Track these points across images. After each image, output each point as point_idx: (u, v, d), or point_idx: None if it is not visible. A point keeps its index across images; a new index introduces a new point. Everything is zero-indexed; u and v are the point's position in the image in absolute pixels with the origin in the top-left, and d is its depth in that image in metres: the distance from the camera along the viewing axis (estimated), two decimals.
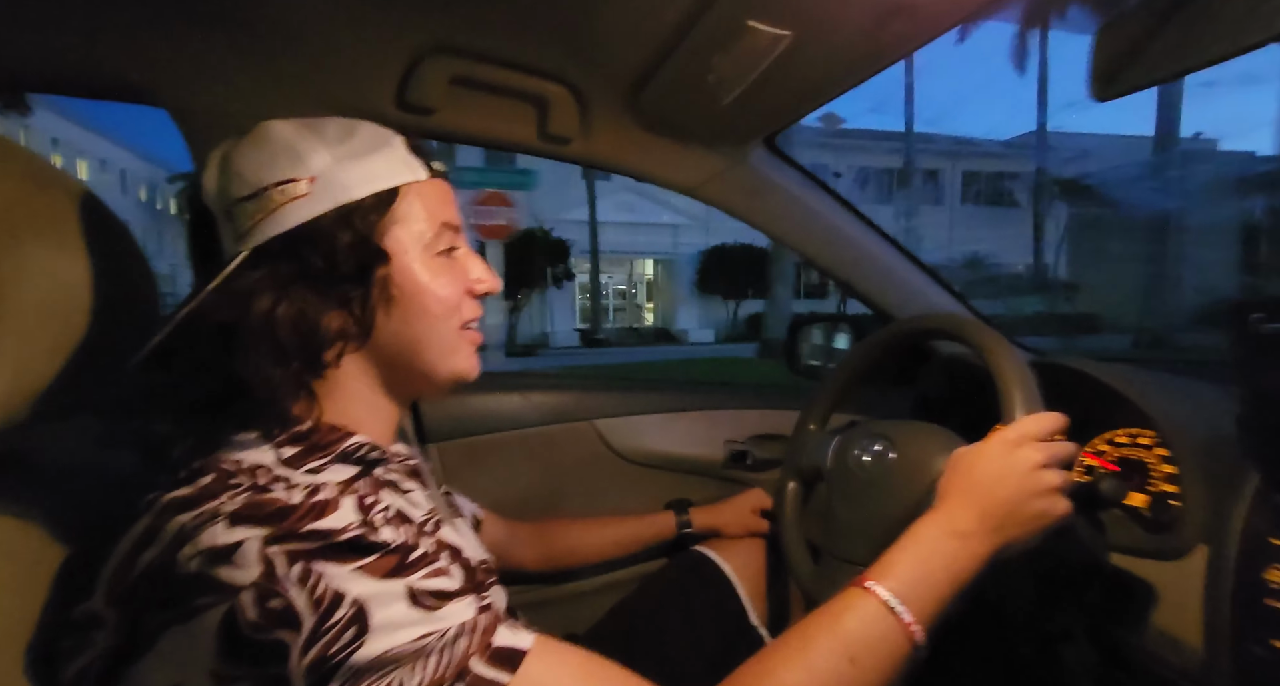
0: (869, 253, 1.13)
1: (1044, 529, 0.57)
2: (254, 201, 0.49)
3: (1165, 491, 0.72)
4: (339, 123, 0.53)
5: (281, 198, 0.48)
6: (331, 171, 0.50)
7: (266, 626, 0.38)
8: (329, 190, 0.49)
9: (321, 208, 0.49)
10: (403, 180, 0.52)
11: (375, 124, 0.55)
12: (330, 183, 0.49)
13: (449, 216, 0.56)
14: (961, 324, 0.72)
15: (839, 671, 0.48)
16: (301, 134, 0.51)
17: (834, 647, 0.49)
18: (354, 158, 0.51)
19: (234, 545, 0.39)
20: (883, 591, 0.51)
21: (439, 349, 0.55)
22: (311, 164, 0.49)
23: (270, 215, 0.48)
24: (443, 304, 0.54)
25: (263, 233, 0.48)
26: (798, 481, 0.88)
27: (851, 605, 0.51)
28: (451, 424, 1.07)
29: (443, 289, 0.54)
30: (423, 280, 0.53)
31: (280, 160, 0.49)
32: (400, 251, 0.52)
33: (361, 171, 0.51)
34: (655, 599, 0.92)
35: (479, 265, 0.58)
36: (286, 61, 0.79)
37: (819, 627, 0.50)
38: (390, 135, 0.54)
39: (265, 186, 0.48)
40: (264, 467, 0.46)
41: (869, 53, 0.75)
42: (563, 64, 0.84)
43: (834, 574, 0.73)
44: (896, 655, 0.50)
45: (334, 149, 0.50)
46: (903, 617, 0.50)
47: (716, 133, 0.96)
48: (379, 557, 0.42)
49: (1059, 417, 0.60)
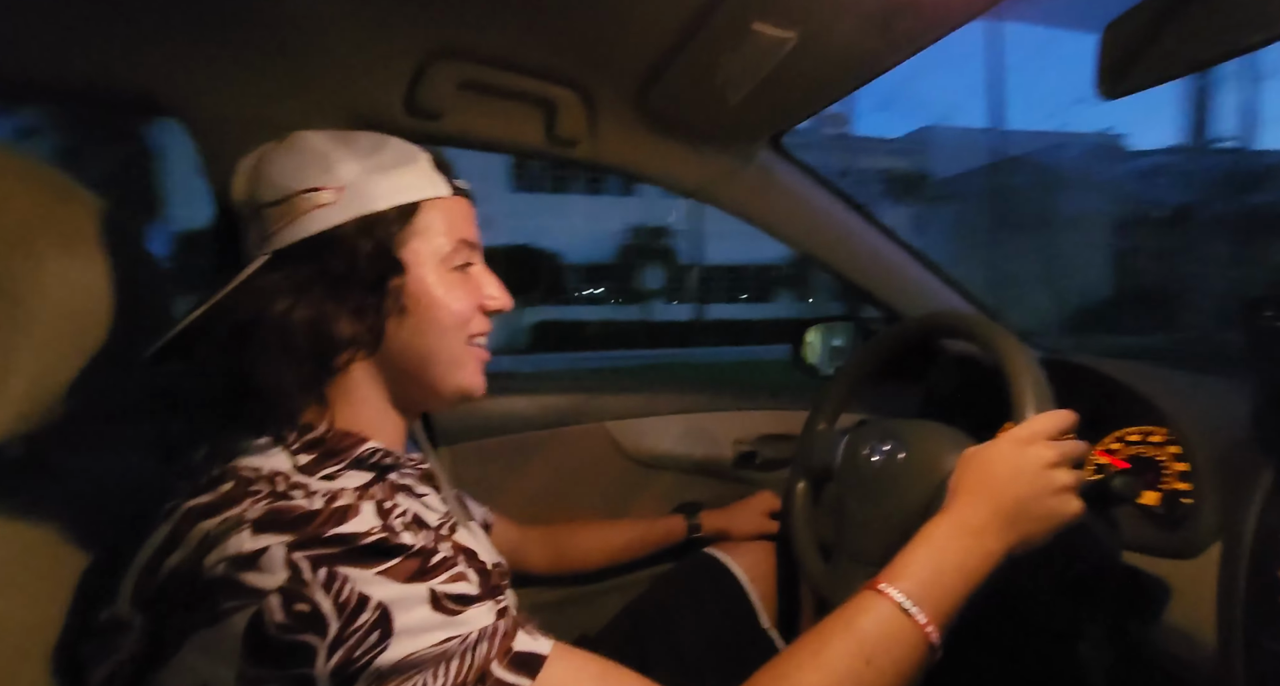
0: (878, 252, 1.13)
1: (1055, 527, 0.57)
2: (280, 206, 0.50)
3: (1178, 489, 0.72)
4: (370, 137, 0.55)
5: (307, 204, 0.50)
6: (359, 182, 0.51)
7: (293, 628, 0.39)
8: (354, 200, 0.51)
9: (345, 216, 0.50)
10: (425, 195, 0.54)
11: (403, 140, 0.56)
12: (357, 193, 0.51)
13: (467, 233, 0.57)
14: (972, 322, 0.72)
15: (856, 673, 0.48)
16: (333, 144, 0.52)
17: (850, 650, 0.49)
18: (381, 171, 0.52)
19: (259, 551, 0.40)
20: (896, 593, 0.51)
21: (446, 362, 0.56)
22: (340, 174, 0.51)
23: (295, 220, 0.50)
24: (454, 317, 0.55)
25: (286, 237, 0.50)
26: (807, 481, 0.88)
27: (865, 607, 0.51)
28: (463, 427, 1.08)
29: (455, 302, 0.55)
30: (436, 293, 0.54)
31: (310, 169, 0.51)
32: (417, 263, 0.54)
33: (387, 184, 0.52)
34: (667, 601, 0.93)
35: (493, 282, 0.60)
36: (295, 69, 0.80)
37: (833, 631, 0.50)
38: (417, 152, 0.56)
39: (292, 193, 0.50)
40: (282, 475, 0.46)
41: (875, 52, 0.75)
42: (570, 67, 0.85)
43: (845, 573, 0.73)
44: (912, 656, 0.50)
45: (363, 161, 0.52)
46: (917, 618, 0.50)
47: (723, 134, 0.97)
48: (401, 561, 0.43)
49: (1070, 415, 0.60)
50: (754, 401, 1.25)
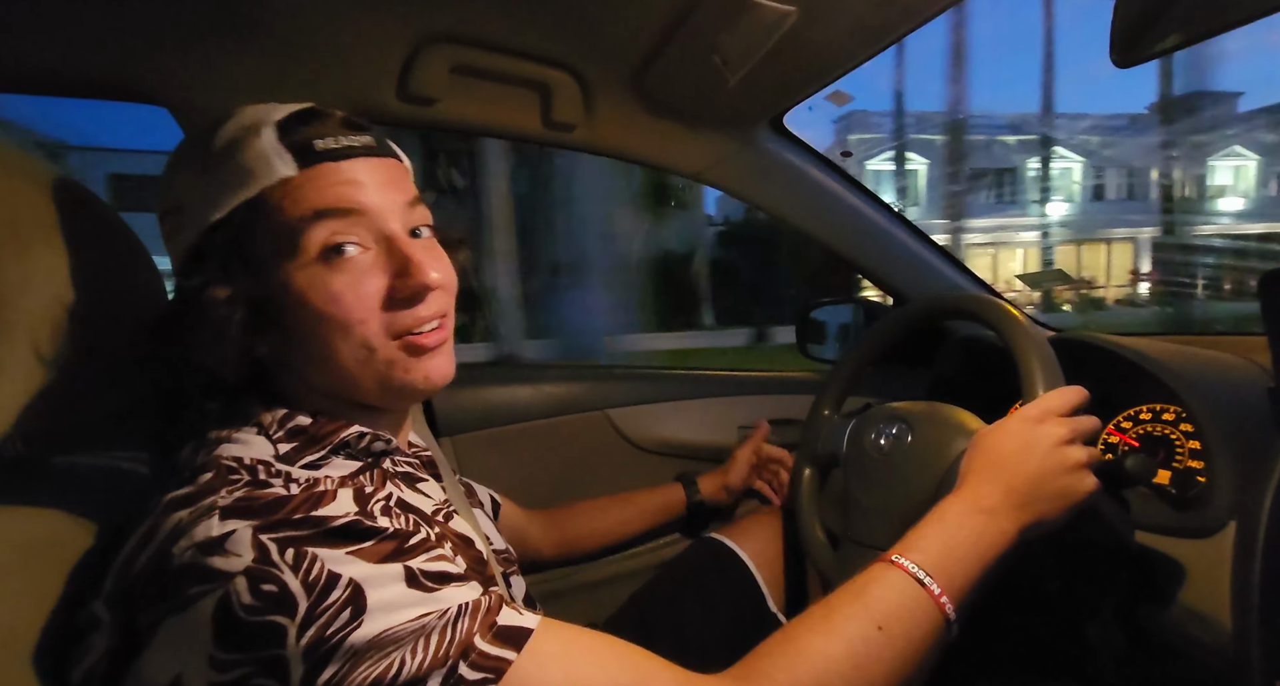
0: (880, 232, 1.11)
1: (1070, 506, 0.55)
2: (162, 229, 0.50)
3: (1191, 467, 0.71)
4: (219, 132, 0.47)
5: (167, 228, 0.49)
6: (193, 192, 0.47)
7: (261, 609, 0.37)
8: (193, 217, 0.47)
9: (190, 237, 0.47)
10: (263, 183, 0.45)
11: (253, 107, 0.48)
12: (194, 207, 0.46)
13: (331, 200, 0.45)
14: (981, 302, 0.71)
15: (867, 637, 0.47)
16: (182, 153, 0.50)
17: (859, 614, 0.48)
18: (210, 171, 0.46)
19: (225, 534, 0.39)
20: (909, 564, 0.50)
21: (365, 368, 0.48)
22: (176, 189, 0.48)
23: (170, 242, 0.49)
24: (338, 318, 0.46)
25: (174, 258, 0.49)
26: (813, 468, 0.87)
27: (876, 577, 0.50)
28: (464, 417, 1.07)
29: (331, 303, 0.46)
30: (299, 294, 0.46)
31: (162, 185, 0.49)
32: (271, 267, 0.46)
33: (217, 185, 0.46)
34: (673, 586, 0.92)
35: (401, 257, 0.48)
36: (285, 56, 0.78)
37: (843, 599, 0.49)
38: (257, 125, 0.46)
39: (161, 214, 0.49)
40: (264, 463, 0.45)
41: (877, 27, 0.73)
42: (565, 49, 0.83)
43: (854, 559, 0.73)
44: (926, 626, 0.49)
45: (196, 165, 0.48)
46: (930, 588, 0.49)
47: (723, 115, 0.95)
48: (375, 543, 0.41)
49: (1080, 391, 0.59)
50: (757, 386, 1.24)
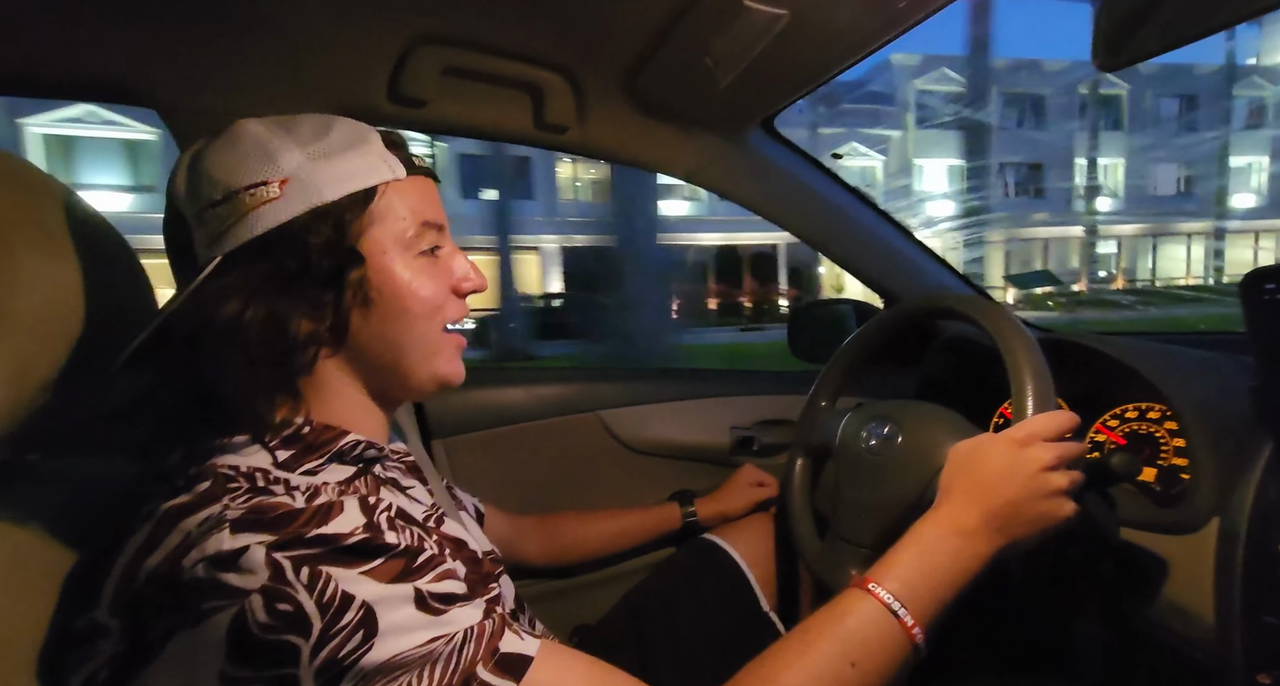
0: (871, 234, 1.12)
1: (1046, 530, 0.57)
2: (225, 205, 0.47)
3: (1175, 465, 0.72)
4: (314, 119, 0.51)
5: (253, 201, 0.47)
6: (304, 172, 0.48)
7: (276, 628, 0.38)
8: (302, 192, 0.47)
9: (294, 210, 0.47)
10: (380, 179, 0.51)
11: (352, 120, 0.53)
12: (303, 184, 0.48)
13: (431, 214, 0.54)
14: (974, 305, 0.72)
15: (839, 674, 0.49)
16: (274, 133, 0.49)
17: (835, 651, 0.50)
18: (327, 157, 0.49)
19: (239, 550, 0.39)
20: (884, 594, 0.52)
21: (420, 351, 0.54)
22: (283, 165, 0.48)
23: (242, 219, 0.47)
24: (424, 304, 0.53)
25: (235, 237, 0.47)
26: (807, 458, 0.88)
27: (852, 609, 0.52)
28: (456, 419, 1.07)
29: (423, 289, 0.53)
30: (402, 280, 0.52)
31: (251, 161, 0.47)
32: (378, 252, 0.51)
33: (335, 171, 0.49)
34: (666, 586, 0.93)
35: (464, 263, 0.57)
36: (275, 57, 0.78)
37: (820, 631, 0.51)
38: (367, 131, 0.53)
39: (236, 190, 0.47)
40: (262, 471, 0.45)
41: (869, 29, 0.73)
42: (557, 50, 0.83)
43: (838, 554, 0.74)
44: (896, 657, 0.51)
45: (307, 148, 0.49)
46: (904, 620, 0.51)
47: (715, 116, 0.95)
48: (385, 561, 0.42)
49: (1070, 418, 0.58)
50: (749, 387, 1.25)
